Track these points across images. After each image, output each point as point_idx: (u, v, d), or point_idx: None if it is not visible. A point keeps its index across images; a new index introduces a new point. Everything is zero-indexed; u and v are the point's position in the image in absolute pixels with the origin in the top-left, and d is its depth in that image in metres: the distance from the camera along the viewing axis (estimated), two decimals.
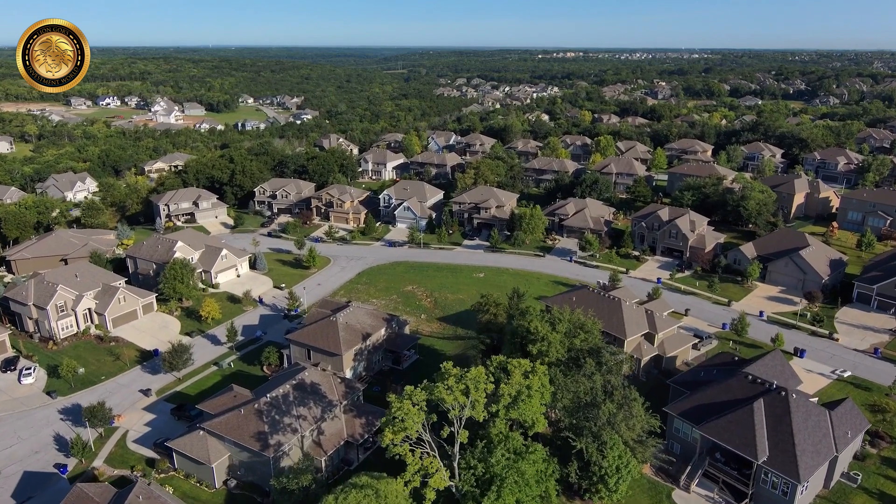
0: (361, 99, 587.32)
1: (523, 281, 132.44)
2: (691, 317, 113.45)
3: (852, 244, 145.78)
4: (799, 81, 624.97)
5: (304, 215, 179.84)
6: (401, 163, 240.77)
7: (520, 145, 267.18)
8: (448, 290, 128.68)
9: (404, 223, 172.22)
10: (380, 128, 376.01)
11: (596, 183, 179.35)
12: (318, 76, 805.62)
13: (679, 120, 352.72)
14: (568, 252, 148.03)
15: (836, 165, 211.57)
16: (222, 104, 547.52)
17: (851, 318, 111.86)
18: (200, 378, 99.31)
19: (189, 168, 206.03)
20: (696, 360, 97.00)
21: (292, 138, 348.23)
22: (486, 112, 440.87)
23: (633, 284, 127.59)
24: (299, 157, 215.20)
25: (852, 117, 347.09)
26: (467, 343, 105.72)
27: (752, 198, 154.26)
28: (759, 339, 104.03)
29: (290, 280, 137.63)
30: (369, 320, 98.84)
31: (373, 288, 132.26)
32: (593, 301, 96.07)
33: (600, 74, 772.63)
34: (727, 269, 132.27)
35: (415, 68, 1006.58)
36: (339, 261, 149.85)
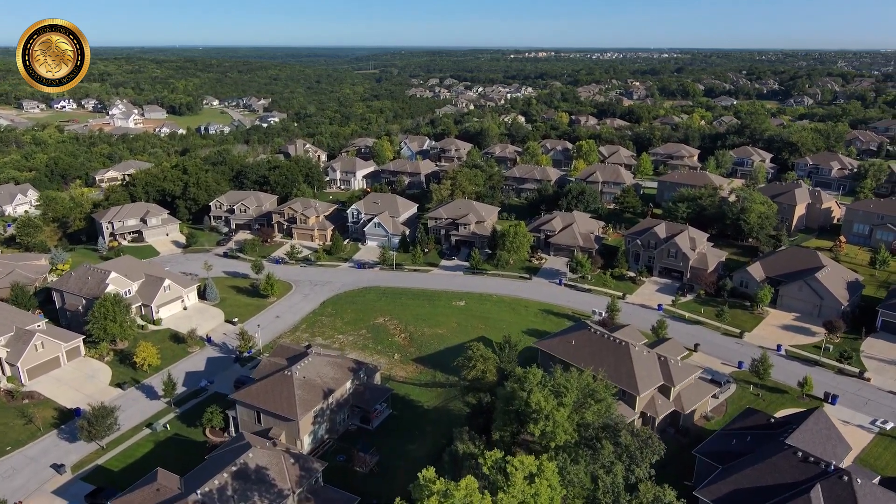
0: (331, 100, 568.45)
1: (509, 310, 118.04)
2: (702, 353, 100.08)
3: (862, 260, 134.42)
4: (772, 81, 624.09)
5: (265, 232, 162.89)
6: (371, 171, 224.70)
7: (497, 150, 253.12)
8: (425, 322, 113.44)
9: (375, 241, 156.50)
10: (350, 131, 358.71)
11: (582, 194, 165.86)
12: (286, 77, 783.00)
13: (659, 122, 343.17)
14: (556, 274, 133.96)
15: (829, 171, 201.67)
16: (185, 107, 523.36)
17: (879, 352, 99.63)
18: (130, 445, 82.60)
19: (137, 180, 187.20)
20: (715, 411, 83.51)
21: (256, 144, 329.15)
22: (461, 114, 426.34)
23: (633, 312, 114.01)
24: (260, 167, 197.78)
25: (832, 118, 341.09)
26: (448, 392, 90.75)
27: (752, 210, 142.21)
28: (783, 380, 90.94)
29: (245, 312, 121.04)
30: (332, 372, 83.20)
31: (339, 321, 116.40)
32: (596, 345, 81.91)
33: (574, 74, 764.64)
34: (734, 293, 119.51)
35: (386, 68, 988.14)
36: (302, 287, 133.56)
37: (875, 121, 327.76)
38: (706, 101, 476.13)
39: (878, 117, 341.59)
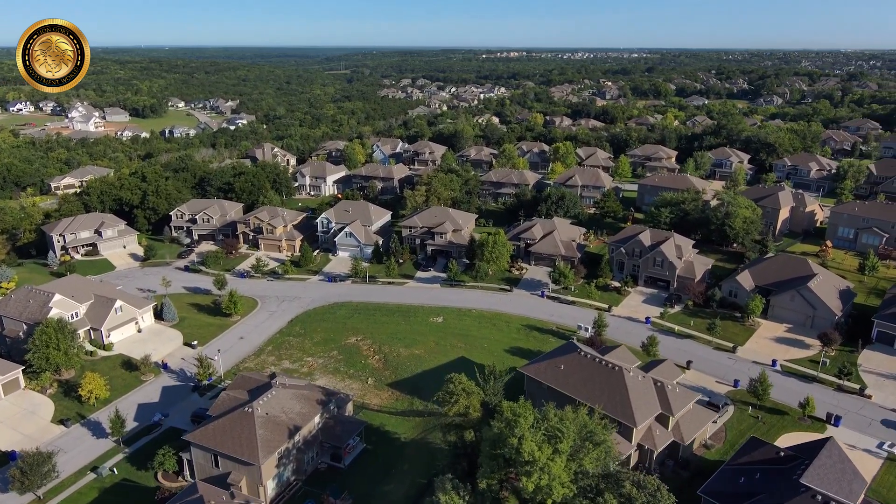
0: (302, 101, 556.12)
1: (489, 326, 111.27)
2: (695, 370, 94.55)
3: (850, 266, 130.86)
4: (741, 81, 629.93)
5: (229, 244, 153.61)
6: (342, 176, 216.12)
7: (472, 153, 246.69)
8: (400, 341, 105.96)
9: (346, 252, 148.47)
10: (321, 133, 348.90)
11: (562, 199, 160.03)
12: (255, 77, 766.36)
13: (634, 122, 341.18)
14: (538, 285, 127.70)
15: (808, 172, 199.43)
16: (149, 109, 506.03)
17: (877, 365, 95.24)
18: (71, 494, 73.73)
19: (92, 189, 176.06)
20: (714, 437, 77.76)
21: (223, 147, 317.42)
22: (434, 115, 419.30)
23: (620, 326, 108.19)
24: (225, 174, 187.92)
25: (803, 118, 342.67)
26: (427, 422, 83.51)
27: (737, 215, 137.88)
28: (782, 400, 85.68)
29: (206, 333, 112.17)
30: (298, 406, 75.37)
31: (308, 341, 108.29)
32: (587, 371, 75.49)
33: (546, 74, 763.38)
34: (723, 304, 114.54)
35: (358, 69, 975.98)
36: (269, 303, 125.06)
37: (845, 120, 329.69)
38: (678, 100, 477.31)
39: (848, 116, 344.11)
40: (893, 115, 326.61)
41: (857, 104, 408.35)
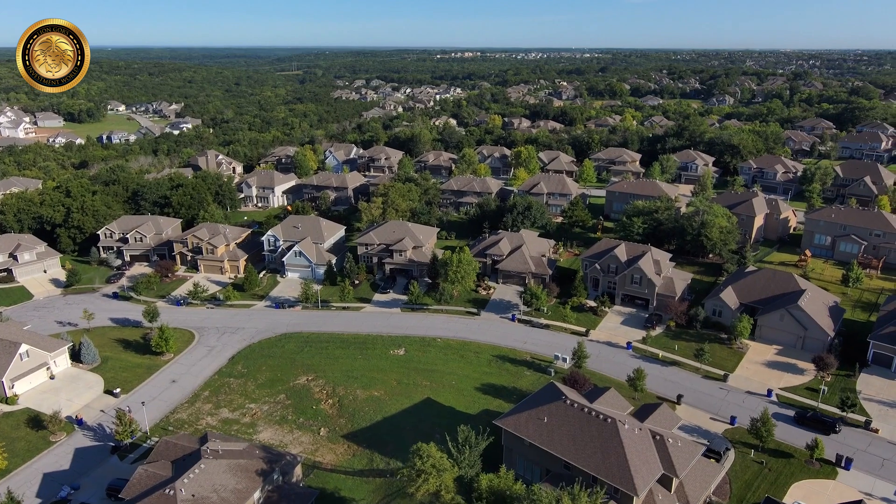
0: (251, 104, 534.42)
1: (457, 357, 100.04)
2: (686, 405, 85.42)
3: (831, 277, 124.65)
4: (693, 80, 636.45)
5: (164, 266, 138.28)
6: (292, 185, 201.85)
7: (431, 158, 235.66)
8: (357, 381, 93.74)
9: (296, 273, 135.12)
10: (271, 138, 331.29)
11: (529, 209, 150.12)
12: (202, 79, 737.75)
13: (594, 124, 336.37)
14: (508, 307, 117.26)
15: (774, 175, 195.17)
16: (86, 113, 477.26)
17: (878, 392, 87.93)
18: None
19: (7, 207, 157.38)
20: (718, 492, 68.32)
21: (164, 155, 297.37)
22: (390, 118, 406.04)
23: (600, 354, 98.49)
24: (161, 186, 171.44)
25: (757, 117, 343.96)
26: (389, 484, 71.54)
27: (713, 225, 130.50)
28: (786, 439, 76.98)
29: (132, 377, 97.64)
30: (234, 480, 62.56)
31: (251, 383, 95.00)
32: (574, 423, 64.97)
33: (501, 75, 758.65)
34: (707, 323, 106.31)
35: (311, 69, 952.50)
36: (207, 335, 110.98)
37: (800, 120, 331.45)
38: (634, 100, 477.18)
39: (802, 116, 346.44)
40: (845, 115, 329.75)
41: (808, 103, 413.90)
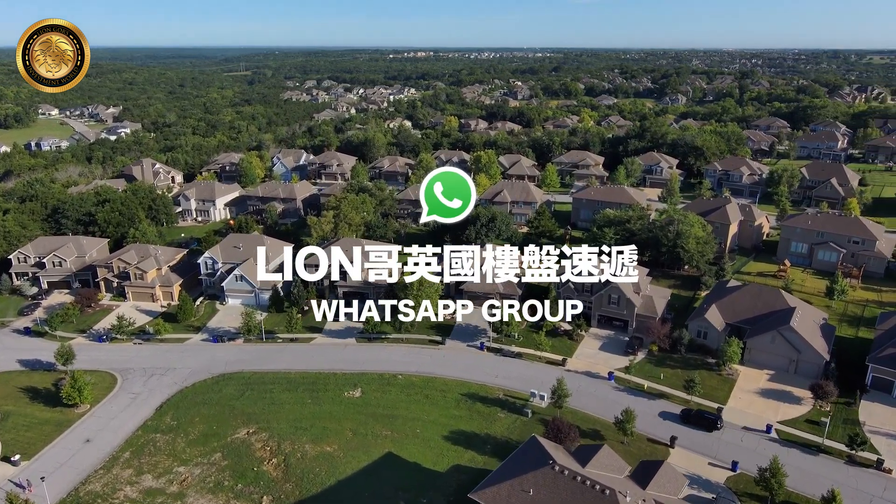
0: (196, 107, 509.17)
1: (421, 398, 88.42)
2: (681, 449, 76.01)
3: (812, 288, 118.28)
4: (646, 80, 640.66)
5: (85, 295, 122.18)
6: (236, 197, 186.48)
7: (386, 164, 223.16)
8: (306, 433, 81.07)
9: (237, 299, 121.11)
10: (216, 143, 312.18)
11: (493, 220, 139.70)
12: (144, 81, 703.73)
13: (552, 125, 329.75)
14: (475, 333, 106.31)
15: (740, 177, 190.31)
16: (13, 118, 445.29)
17: (883, 422, 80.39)
18: None
19: None
20: None
21: (98, 162, 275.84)
22: (342, 120, 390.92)
23: (580, 387, 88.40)
24: (85, 202, 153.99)
25: (713, 117, 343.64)
26: None
27: (689, 235, 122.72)
28: (796, 487, 68.32)
29: (37, 437, 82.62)
30: None
31: (181, 439, 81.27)
32: (567, 497, 54.30)
33: (455, 74, 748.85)
34: (692, 347, 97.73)
35: (260, 70, 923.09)
36: (132, 379, 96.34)
37: (755, 119, 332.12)
38: (589, 100, 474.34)
39: (756, 115, 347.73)
40: (797, 113, 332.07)
41: (759, 102, 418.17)
